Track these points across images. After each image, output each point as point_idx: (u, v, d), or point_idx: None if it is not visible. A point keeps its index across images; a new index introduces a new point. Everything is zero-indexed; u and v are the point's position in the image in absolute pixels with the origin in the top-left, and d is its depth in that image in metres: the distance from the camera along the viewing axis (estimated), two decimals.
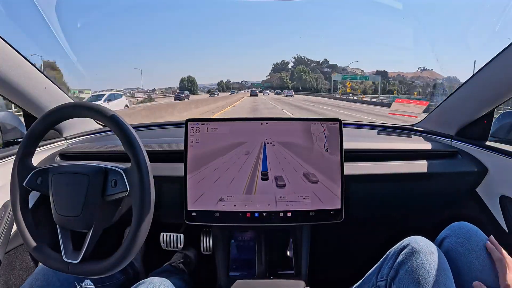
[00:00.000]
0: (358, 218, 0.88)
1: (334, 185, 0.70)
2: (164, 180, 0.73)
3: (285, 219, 0.70)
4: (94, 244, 0.58)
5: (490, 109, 0.83)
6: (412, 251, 0.54)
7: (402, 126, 1.07)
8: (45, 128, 0.62)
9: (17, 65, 0.74)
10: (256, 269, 0.78)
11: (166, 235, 0.99)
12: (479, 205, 0.86)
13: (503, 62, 0.72)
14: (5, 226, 0.72)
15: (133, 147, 0.56)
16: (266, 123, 0.71)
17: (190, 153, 0.69)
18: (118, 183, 0.57)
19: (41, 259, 0.59)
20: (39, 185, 0.60)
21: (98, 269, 0.56)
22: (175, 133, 0.95)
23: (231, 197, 0.69)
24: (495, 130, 0.88)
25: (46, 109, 0.75)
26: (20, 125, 0.91)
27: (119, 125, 0.57)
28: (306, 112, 11.74)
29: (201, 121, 0.71)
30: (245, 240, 0.86)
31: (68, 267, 0.57)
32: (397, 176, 0.80)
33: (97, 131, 1.06)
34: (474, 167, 0.83)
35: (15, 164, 0.60)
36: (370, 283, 0.59)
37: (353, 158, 0.80)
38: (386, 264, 0.57)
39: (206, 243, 0.94)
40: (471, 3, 45.04)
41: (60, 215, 0.58)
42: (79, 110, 0.60)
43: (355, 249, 1.12)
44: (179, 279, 0.81)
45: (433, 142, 0.92)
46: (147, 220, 0.56)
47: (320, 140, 0.71)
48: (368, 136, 1.01)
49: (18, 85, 0.76)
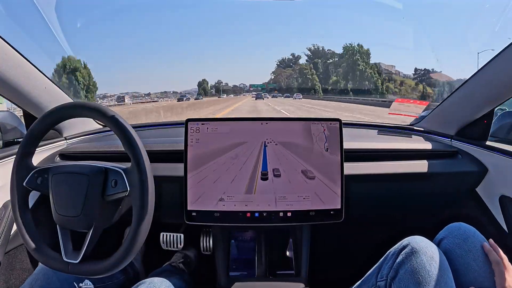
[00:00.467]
0: (358, 218, 0.88)
1: (334, 185, 0.70)
2: (164, 180, 0.73)
3: (285, 219, 0.70)
4: (94, 244, 0.58)
5: (490, 109, 0.83)
6: (412, 251, 0.53)
7: (402, 126, 1.07)
8: (45, 128, 0.62)
9: (17, 65, 0.74)
10: (256, 269, 0.78)
11: (166, 235, 0.99)
12: (479, 205, 0.86)
13: (503, 62, 0.72)
14: (5, 226, 0.72)
15: (133, 147, 0.56)
16: (266, 123, 0.71)
17: (190, 153, 0.69)
18: (118, 183, 0.57)
19: (41, 260, 0.59)
20: (39, 185, 0.60)
21: (98, 269, 0.56)
22: (175, 133, 0.95)
23: (231, 197, 0.69)
24: (495, 130, 0.88)
25: (46, 109, 0.75)
26: (20, 125, 0.91)
27: (119, 125, 0.57)
28: None
29: (201, 121, 0.71)
30: (245, 240, 0.86)
31: (68, 267, 0.57)
32: (397, 176, 0.80)
33: (97, 131, 1.06)
34: (474, 167, 0.83)
35: (15, 164, 0.60)
36: (370, 283, 0.59)
37: (353, 158, 0.80)
38: (386, 264, 0.57)
39: (206, 243, 0.95)
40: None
41: (60, 215, 0.58)
42: (79, 110, 0.60)
43: (355, 249, 1.12)
44: (179, 279, 0.81)
45: (433, 142, 0.92)
46: (147, 220, 0.56)
47: (320, 140, 0.71)
48: (368, 136, 1.01)
49: (18, 85, 0.76)
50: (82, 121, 1.04)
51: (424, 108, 1.05)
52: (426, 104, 1.07)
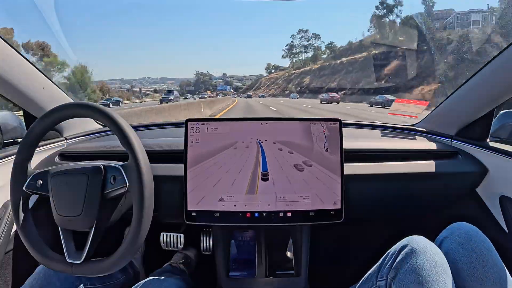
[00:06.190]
0: (358, 218, 0.88)
1: (334, 185, 0.70)
2: (164, 180, 0.73)
3: (285, 219, 0.70)
4: (97, 243, 0.58)
5: (490, 109, 0.83)
6: (412, 251, 0.53)
7: (402, 126, 1.07)
8: (44, 129, 0.62)
9: (17, 64, 0.74)
10: (256, 269, 0.78)
11: (166, 235, 0.99)
12: (479, 205, 0.86)
13: (503, 62, 0.72)
14: (5, 226, 0.72)
15: (130, 142, 0.57)
16: (266, 123, 0.71)
17: (190, 153, 0.69)
18: (117, 179, 0.58)
19: (45, 262, 0.59)
20: (39, 188, 0.60)
21: (101, 268, 0.56)
22: (175, 133, 0.95)
23: (231, 197, 0.69)
24: (495, 130, 0.88)
25: (46, 109, 0.75)
26: (20, 125, 0.91)
27: (116, 122, 0.58)
28: None
29: (201, 121, 0.71)
30: (245, 240, 0.86)
31: (71, 268, 0.57)
32: (397, 176, 0.80)
33: (97, 131, 1.06)
34: (474, 167, 0.83)
35: (14, 168, 0.60)
36: (370, 283, 0.59)
37: (353, 158, 0.80)
38: (386, 264, 0.57)
39: (206, 243, 0.95)
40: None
41: (61, 216, 0.58)
42: (78, 110, 0.61)
43: (355, 249, 1.12)
44: (179, 279, 0.81)
45: (433, 142, 0.92)
46: (147, 215, 0.56)
47: (320, 140, 0.71)
48: (368, 136, 1.01)
49: (18, 85, 0.76)
50: (82, 121, 1.04)
51: (423, 108, 1.05)
52: (426, 104, 1.07)
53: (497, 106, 0.81)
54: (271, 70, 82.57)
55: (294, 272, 0.80)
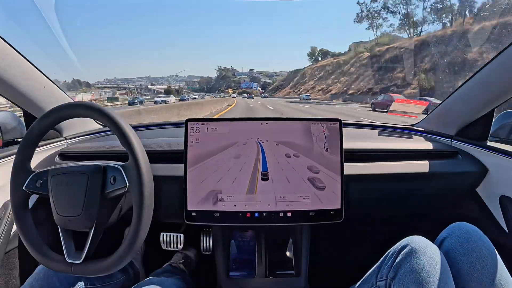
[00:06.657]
0: (358, 218, 0.88)
1: (334, 185, 0.70)
2: (164, 180, 0.73)
3: (285, 219, 0.70)
4: (97, 243, 0.58)
5: (490, 109, 0.83)
6: (412, 251, 0.53)
7: (402, 126, 1.07)
8: (44, 129, 0.62)
9: (17, 64, 0.74)
10: (256, 269, 0.78)
11: (166, 235, 0.99)
12: (479, 205, 0.86)
13: (503, 62, 0.72)
14: (5, 226, 0.72)
15: (130, 142, 0.57)
16: (266, 123, 0.71)
17: (190, 153, 0.69)
18: (117, 179, 0.58)
19: (45, 263, 0.59)
20: (39, 188, 0.60)
21: (101, 267, 0.56)
22: (175, 133, 0.95)
23: (231, 197, 0.69)
24: (495, 130, 0.88)
25: (46, 109, 0.75)
26: (20, 125, 0.91)
27: (116, 122, 0.58)
28: None
29: (201, 121, 0.71)
30: (245, 240, 0.86)
31: (71, 268, 0.57)
32: (397, 176, 0.80)
33: (97, 131, 1.06)
34: (474, 167, 0.83)
35: (14, 168, 0.60)
36: (370, 283, 0.59)
37: (353, 158, 0.80)
38: (386, 264, 0.57)
39: (206, 243, 0.95)
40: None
41: (61, 216, 0.58)
42: (78, 110, 0.61)
43: (355, 249, 1.12)
44: (179, 279, 0.81)
45: (433, 142, 0.92)
46: (147, 215, 0.56)
47: (320, 140, 0.71)
48: (368, 136, 1.01)
49: (17, 85, 0.76)
50: (82, 121, 1.04)
51: (423, 108, 1.05)
52: (426, 104, 1.07)
53: (497, 106, 0.81)
54: (317, 57, 63.21)
55: (294, 272, 0.80)
